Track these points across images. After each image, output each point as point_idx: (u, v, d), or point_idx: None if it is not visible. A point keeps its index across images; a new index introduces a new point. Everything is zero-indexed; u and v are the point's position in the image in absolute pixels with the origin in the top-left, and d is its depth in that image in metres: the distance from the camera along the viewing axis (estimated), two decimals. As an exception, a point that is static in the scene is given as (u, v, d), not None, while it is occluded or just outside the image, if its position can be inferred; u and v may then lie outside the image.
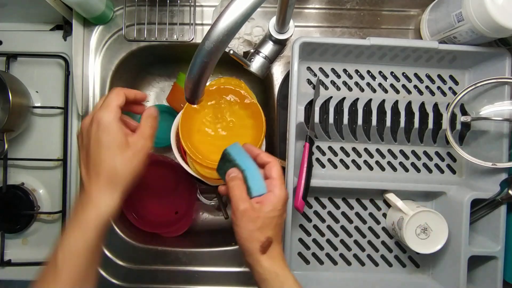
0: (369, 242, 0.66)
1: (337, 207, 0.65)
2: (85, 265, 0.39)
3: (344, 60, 0.64)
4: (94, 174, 0.40)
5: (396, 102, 0.64)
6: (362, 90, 0.65)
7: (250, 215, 0.43)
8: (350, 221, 0.66)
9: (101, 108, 0.41)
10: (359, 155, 0.66)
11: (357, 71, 0.65)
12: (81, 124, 0.44)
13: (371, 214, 0.66)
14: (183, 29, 0.68)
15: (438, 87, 0.66)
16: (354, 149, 0.66)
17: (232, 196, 0.45)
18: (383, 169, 0.66)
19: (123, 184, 0.41)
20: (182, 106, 0.61)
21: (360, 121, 0.63)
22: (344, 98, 0.64)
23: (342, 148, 0.66)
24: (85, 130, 0.42)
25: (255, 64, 0.64)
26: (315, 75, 0.65)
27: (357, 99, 0.64)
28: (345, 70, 0.65)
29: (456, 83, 0.66)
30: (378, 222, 0.66)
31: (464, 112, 0.64)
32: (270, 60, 0.64)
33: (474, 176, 0.64)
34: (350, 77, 0.66)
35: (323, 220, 0.65)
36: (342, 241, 0.65)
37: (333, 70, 0.65)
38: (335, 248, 0.65)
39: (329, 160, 0.66)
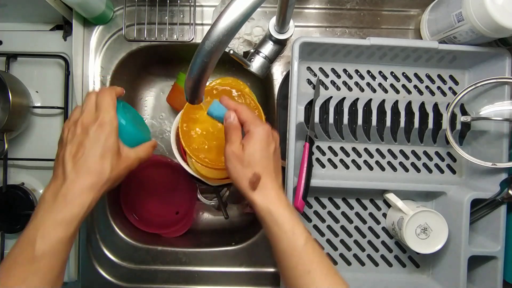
0: (369, 242, 0.66)
1: (337, 207, 0.65)
2: (63, 253, 0.40)
3: (344, 60, 0.64)
4: (83, 170, 0.42)
5: (396, 102, 0.64)
6: (362, 90, 0.65)
7: (236, 155, 0.45)
8: (350, 221, 0.66)
9: (104, 111, 0.44)
10: (359, 155, 0.66)
11: (357, 71, 0.65)
12: (72, 116, 0.46)
13: (371, 214, 0.66)
14: (183, 29, 0.68)
15: (438, 87, 0.66)
16: (354, 149, 0.66)
17: (227, 141, 0.46)
18: (383, 169, 0.66)
19: (107, 187, 0.43)
20: (182, 106, 0.61)
21: (360, 121, 0.63)
22: (344, 98, 0.64)
23: (342, 148, 0.66)
24: (80, 126, 0.44)
25: (255, 64, 0.64)
26: (315, 75, 0.65)
27: (357, 99, 0.64)
28: (345, 70, 0.65)
29: (456, 83, 0.66)
30: (378, 222, 0.66)
31: (464, 112, 0.64)
32: (270, 60, 0.64)
33: (474, 176, 0.64)
34: (350, 77, 0.66)
35: (323, 220, 0.65)
36: (342, 241, 0.65)
37: (333, 70, 0.65)
38: (335, 248, 0.65)
39: (329, 160, 0.66)
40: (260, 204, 0.44)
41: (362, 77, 0.65)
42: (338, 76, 0.66)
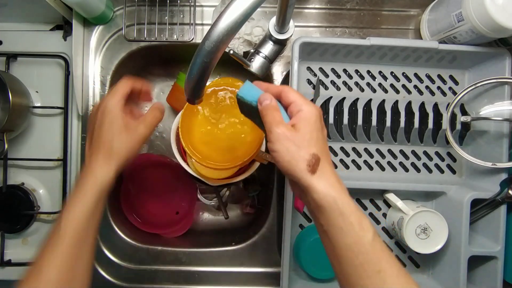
0: (369, 242, 0.66)
1: (337, 207, 0.65)
2: (85, 227, 0.44)
3: (344, 60, 0.64)
4: (95, 150, 0.46)
5: (396, 102, 0.64)
6: (362, 90, 0.65)
7: (288, 136, 0.39)
8: (350, 221, 0.66)
9: (108, 95, 0.48)
10: (359, 155, 0.66)
11: (357, 71, 0.65)
12: (92, 110, 0.53)
13: (371, 214, 0.66)
14: (183, 29, 0.68)
15: (438, 87, 0.66)
16: (354, 149, 0.66)
17: (266, 123, 0.41)
18: (383, 169, 0.66)
19: (118, 160, 0.46)
20: (182, 106, 0.61)
21: (360, 121, 0.63)
22: (344, 98, 0.64)
23: (342, 148, 0.66)
24: (93, 114, 0.49)
25: (255, 64, 0.64)
26: (315, 75, 0.65)
27: (357, 99, 0.64)
28: (345, 70, 0.65)
29: (456, 83, 0.66)
30: (378, 222, 0.66)
31: (464, 112, 0.64)
32: (270, 60, 0.64)
33: (474, 176, 0.64)
34: (350, 77, 0.66)
35: (323, 220, 0.65)
36: (342, 241, 0.65)
37: (333, 70, 0.65)
38: (335, 248, 0.65)
39: (329, 160, 0.66)
40: (322, 190, 0.37)
41: (362, 77, 0.65)
42: (338, 76, 0.66)
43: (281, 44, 0.65)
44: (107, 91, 0.69)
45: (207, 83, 0.62)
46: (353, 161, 0.66)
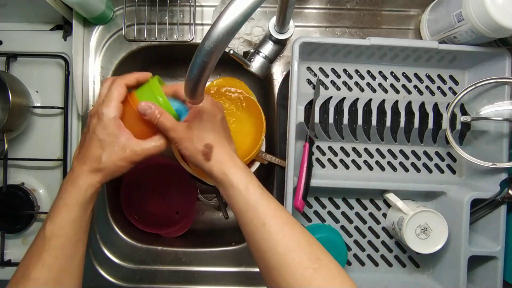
0: (369, 242, 0.66)
1: (337, 207, 0.65)
2: (72, 234, 0.44)
3: (344, 60, 0.64)
4: (82, 158, 0.46)
5: (396, 102, 0.64)
6: (362, 90, 0.65)
7: (184, 136, 0.45)
8: (350, 221, 0.66)
9: (104, 103, 0.46)
10: (359, 155, 0.66)
11: (357, 71, 0.65)
12: (89, 113, 0.49)
13: (371, 214, 0.66)
14: (183, 29, 0.68)
15: (438, 87, 0.66)
16: (354, 149, 0.66)
17: (164, 131, 0.46)
18: (383, 169, 0.66)
19: (104, 174, 0.45)
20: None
21: (360, 121, 0.63)
22: (344, 98, 0.64)
23: (342, 148, 0.66)
24: (89, 120, 0.47)
25: (255, 64, 0.64)
26: (315, 75, 0.65)
27: (357, 99, 0.64)
28: (345, 70, 0.65)
29: (456, 83, 0.66)
30: (378, 222, 0.66)
31: (464, 112, 0.64)
32: (270, 60, 0.64)
33: (474, 176, 0.64)
34: (350, 77, 0.66)
35: (323, 220, 0.65)
36: (342, 241, 0.65)
37: (333, 70, 0.65)
38: (335, 248, 0.65)
39: (329, 160, 0.66)
40: (216, 171, 0.44)
41: (362, 77, 0.65)
42: (338, 76, 0.66)
43: (281, 44, 0.65)
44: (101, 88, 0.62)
45: (208, 83, 0.62)
46: (353, 161, 0.66)
